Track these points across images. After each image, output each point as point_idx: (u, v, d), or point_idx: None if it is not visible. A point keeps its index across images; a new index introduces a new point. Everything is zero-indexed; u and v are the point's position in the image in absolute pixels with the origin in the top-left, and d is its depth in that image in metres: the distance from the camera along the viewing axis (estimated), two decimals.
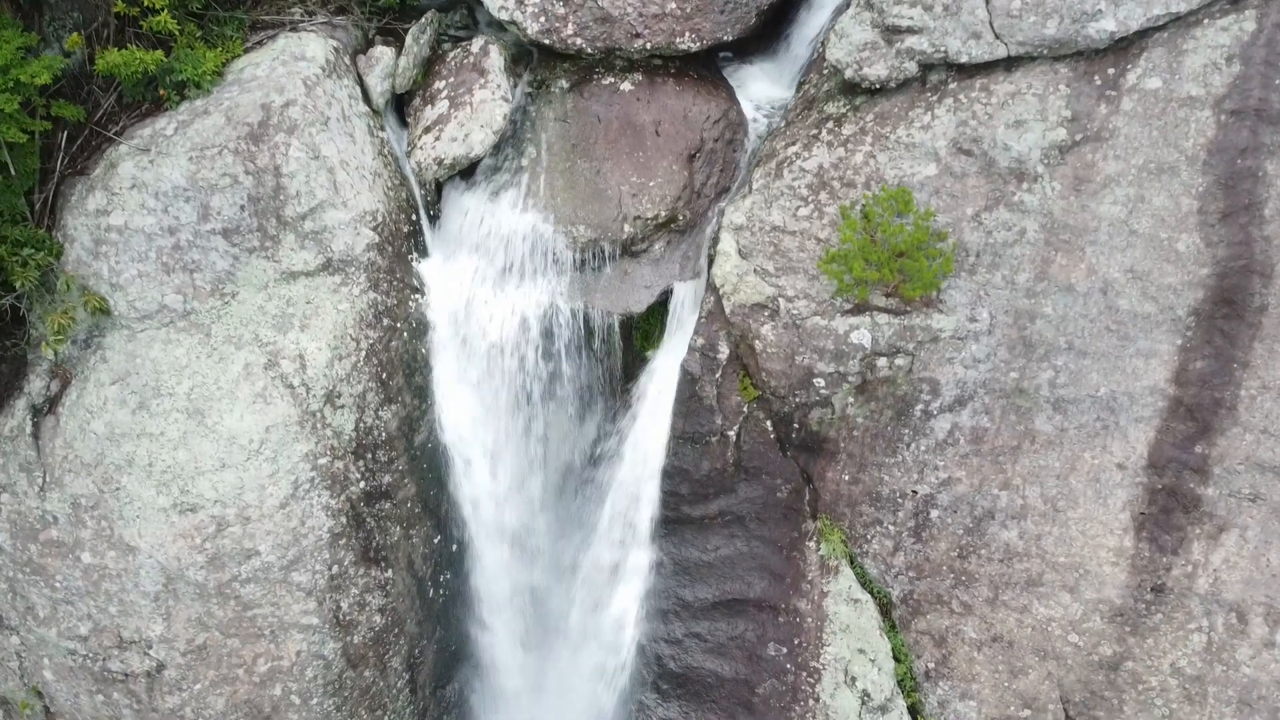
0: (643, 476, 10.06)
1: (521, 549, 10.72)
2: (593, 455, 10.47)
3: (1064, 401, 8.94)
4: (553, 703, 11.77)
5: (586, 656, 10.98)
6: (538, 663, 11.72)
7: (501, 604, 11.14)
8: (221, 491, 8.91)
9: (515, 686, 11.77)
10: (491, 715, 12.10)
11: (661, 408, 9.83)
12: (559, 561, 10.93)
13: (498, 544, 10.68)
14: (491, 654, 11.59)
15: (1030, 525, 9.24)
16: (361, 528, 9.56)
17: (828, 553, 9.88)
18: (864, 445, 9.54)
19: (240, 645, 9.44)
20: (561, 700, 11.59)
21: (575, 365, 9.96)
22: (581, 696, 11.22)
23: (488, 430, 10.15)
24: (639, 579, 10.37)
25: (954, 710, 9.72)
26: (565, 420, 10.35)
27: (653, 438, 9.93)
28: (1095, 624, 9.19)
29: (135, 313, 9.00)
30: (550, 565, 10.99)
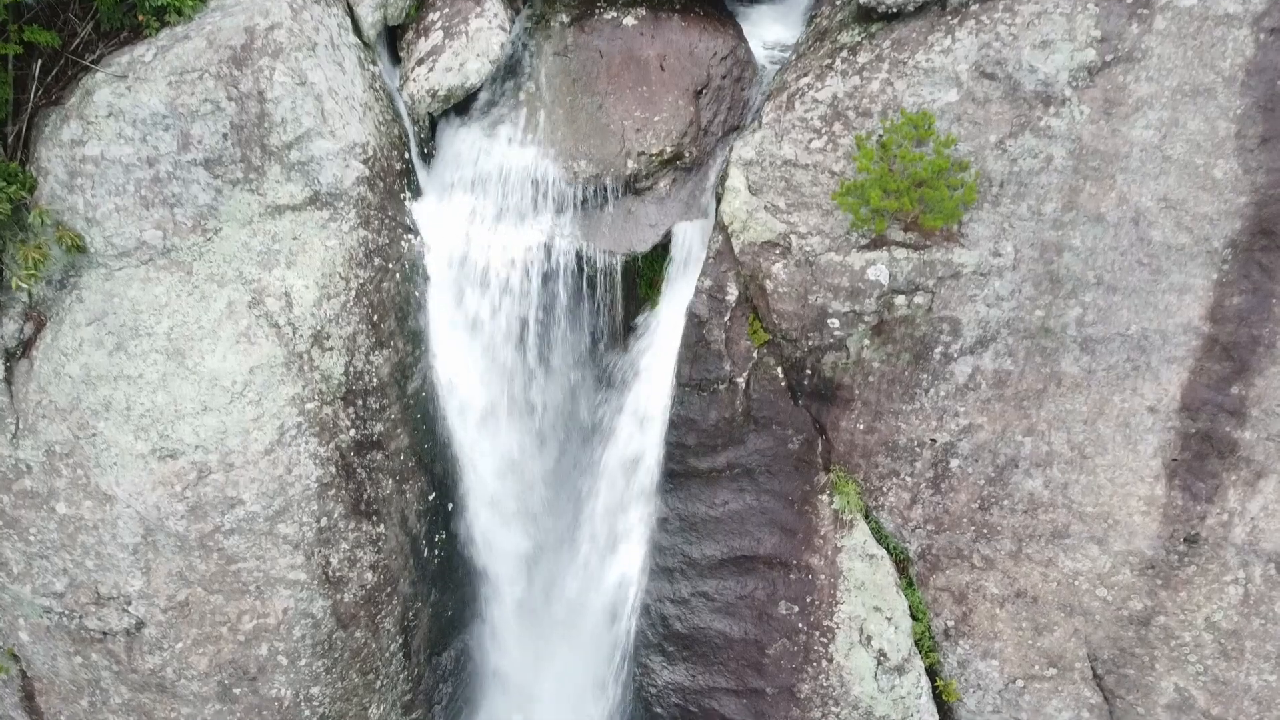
0: (647, 428, 9.60)
1: (519, 507, 10.25)
2: (594, 405, 10.00)
3: (1092, 341, 8.48)
4: (554, 670, 11.31)
5: (588, 620, 10.51)
6: (537, 628, 11.26)
7: (499, 565, 10.68)
8: (203, 436, 8.44)
9: (514, 653, 11.31)
10: (489, 684, 11.64)
11: (666, 354, 9.36)
12: (559, 520, 10.46)
13: (494, 501, 10.21)
14: (489, 619, 11.13)
15: (1056, 473, 8.77)
16: (352, 479, 9.09)
17: (841, 506, 9.41)
18: (880, 392, 9.08)
19: (224, 602, 8.97)
20: (562, 667, 11.13)
21: (576, 309, 9.50)
22: (583, 662, 10.76)
23: (484, 379, 9.68)
24: (643, 536, 9.90)
25: (974, 670, 9.25)
26: (565, 368, 9.88)
27: (657, 386, 9.47)
28: (1125, 577, 8.73)
29: (113, 250, 8.52)
30: (550, 524, 10.52)
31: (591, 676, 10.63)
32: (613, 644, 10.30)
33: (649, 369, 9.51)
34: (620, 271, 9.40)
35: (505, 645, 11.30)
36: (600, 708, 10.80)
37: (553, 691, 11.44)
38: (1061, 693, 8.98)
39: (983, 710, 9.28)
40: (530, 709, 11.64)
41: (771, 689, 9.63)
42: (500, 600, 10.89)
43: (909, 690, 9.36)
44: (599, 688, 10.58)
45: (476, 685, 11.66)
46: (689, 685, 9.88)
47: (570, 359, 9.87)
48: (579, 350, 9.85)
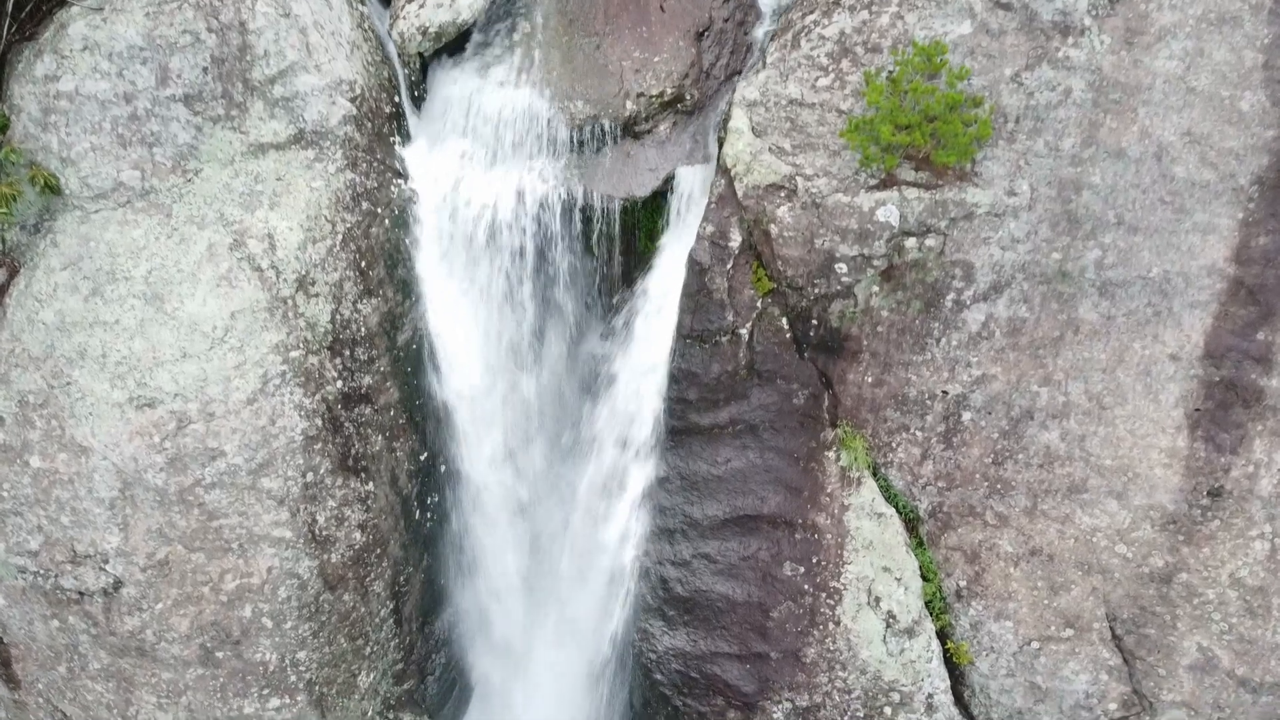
0: (646, 382, 9.24)
1: (514, 466, 9.89)
2: (593, 359, 9.64)
3: (1111, 285, 8.12)
4: (549, 638, 10.94)
5: (586, 586, 10.14)
6: (533, 597, 10.89)
7: (493, 529, 10.31)
8: (182, 384, 8.07)
9: (509, 623, 10.95)
10: (484, 655, 11.28)
11: (667, 304, 9.00)
12: (556, 481, 10.10)
13: (489, 462, 9.85)
14: (483, 587, 10.77)
15: (1073, 425, 8.41)
16: (339, 433, 8.73)
17: (849, 463, 9.05)
18: (889, 342, 8.72)
19: (205, 560, 8.60)
20: (559, 635, 10.76)
21: (573, 257, 9.14)
22: (581, 629, 10.39)
23: (477, 331, 9.32)
24: (642, 497, 9.53)
25: (988, 632, 8.89)
26: (561, 320, 9.52)
27: (657, 338, 9.10)
28: (1145, 533, 8.37)
29: (89, 191, 8.17)
30: (546, 486, 10.16)
31: (589, 645, 10.26)
32: (611, 610, 9.92)
33: (649, 320, 9.15)
34: (619, 217, 9.04)
35: (500, 615, 10.94)
36: (598, 677, 10.43)
37: (549, 661, 11.07)
38: (1079, 654, 8.61)
39: (996, 674, 8.92)
40: (526, 680, 11.28)
41: (776, 653, 9.27)
42: (495, 567, 10.52)
43: (919, 654, 8.99)
44: (597, 656, 10.21)
45: (471, 656, 11.30)
46: (690, 651, 9.51)
47: (568, 310, 9.51)
48: (576, 301, 9.49)
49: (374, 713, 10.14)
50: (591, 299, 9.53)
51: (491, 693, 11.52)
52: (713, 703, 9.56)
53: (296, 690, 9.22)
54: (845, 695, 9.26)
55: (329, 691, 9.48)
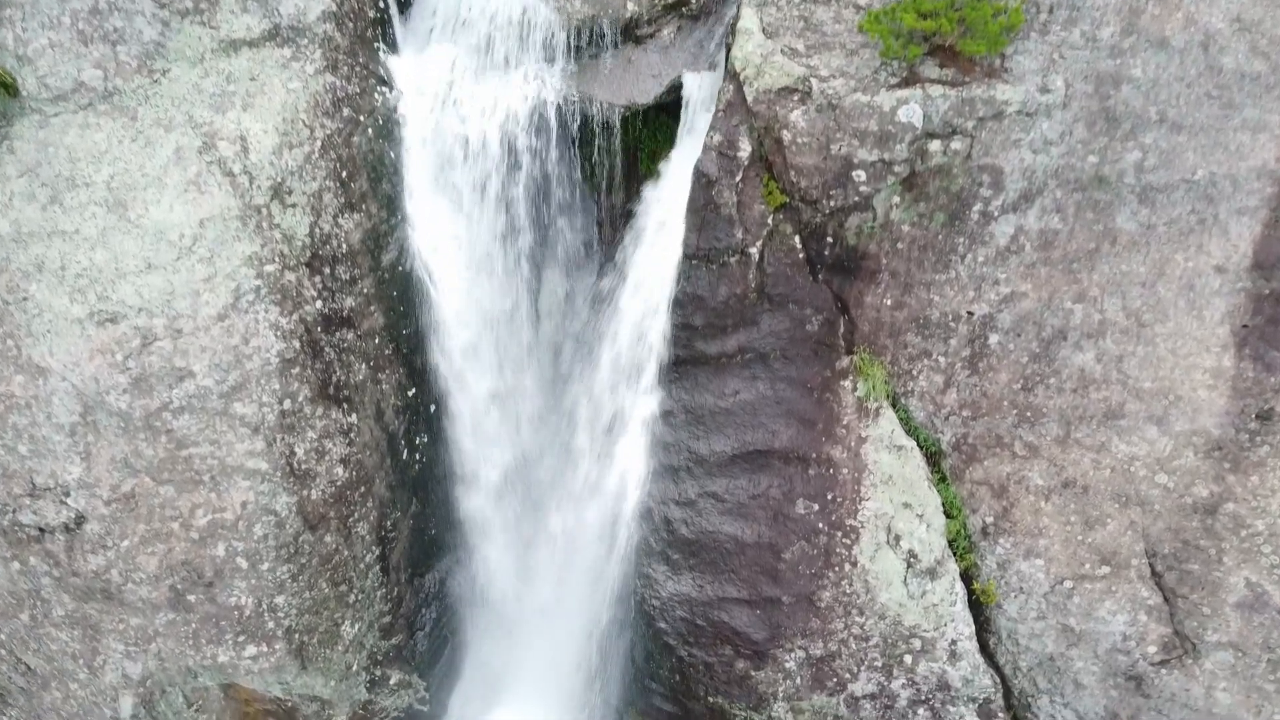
0: (649, 307, 8.63)
1: (508, 403, 9.27)
2: (591, 284, 9.02)
3: (1152, 191, 7.51)
4: (546, 591, 10.32)
5: (584, 531, 9.52)
6: (529, 546, 10.28)
7: (485, 474, 9.70)
8: (147, 298, 7.46)
9: (503, 574, 10.33)
10: (476, 611, 10.66)
11: (672, 223, 8.39)
12: (551, 416, 9.48)
13: (480, 399, 9.24)
14: (476, 535, 10.15)
15: (1110, 345, 7.80)
16: (319, 357, 8.12)
17: (866, 393, 8.43)
18: (910, 260, 8.11)
19: (175, 494, 7.99)
20: (556, 588, 10.14)
21: (570, 170, 8.53)
22: (579, 581, 9.77)
23: (468, 254, 8.71)
24: (645, 432, 8.92)
25: (1016, 571, 8.27)
26: (559, 243, 8.91)
27: (662, 260, 8.49)
28: (1188, 460, 7.75)
29: (47, 92, 7.57)
30: (541, 422, 9.54)
31: (588, 598, 9.64)
32: (610, 558, 9.31)
33: (652, 241, 8.54)
34: (619, 128, 8.43)
35: (493, 567, 10.32)
36: (597, 631, 9.82)
37: (545, 617, 10.45)
38: (1115, 593, 8.00)
39: (1025, 616, 8.30)
40: (521, 637, 10.66)
41: (788, 597, 8.65)
42: (488, 512, 9.91)
43: (942, 596, 8.38)
44: (595, 610, 9.59)
45: (463, 612, 10.68)
46: (696, 596, 8.89)
47: (565, 232, 8.90)
48: (574, 221, 8.88)
49: (359, 667, 9.52)
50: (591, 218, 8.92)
51: (484, 651, 10.90)
52: (720, 652, 8.94)
53: (275, 638, 8.61)
54: (862, 643, 8.64)
55: (310, 641, 8.86)
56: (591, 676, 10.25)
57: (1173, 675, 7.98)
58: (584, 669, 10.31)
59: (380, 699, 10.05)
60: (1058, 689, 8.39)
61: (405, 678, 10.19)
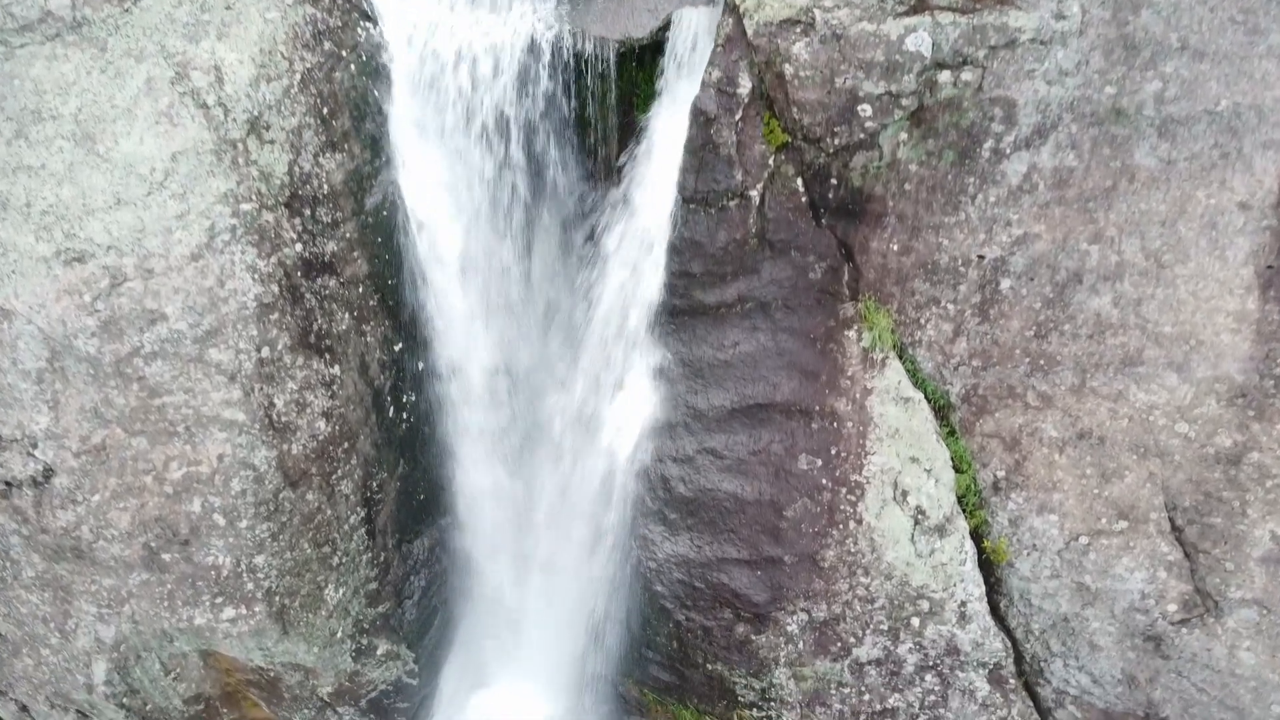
0: (645, 256, 8.27)
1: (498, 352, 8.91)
2: (585, 231, 8.67)
3: (1173, 123, 7.14)
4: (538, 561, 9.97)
5: (578, 492, 9.17)
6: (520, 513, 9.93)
7: (476, 433, 9.35)
8: (116, 235, 7.10)
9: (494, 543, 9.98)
10: (469, 579, 10.31)
11: (668, 165, 8.02)
12: (544, 371, 9.12)
13: (469, 351, 8.88)
14: (466, 501, 9.80)
15: (1127, 288, 7.44)
16: (299, 304, 7.76)
17: (871, 343, 8.07)
18: (918, 202, 7.74)
19: (148, 446, 7.63)
20: (548, 557, 9.79)
21: (564, 114, 8.16)
22: (574, 543, 9.41)
23: (456, 201, 8.35)
24: (640, 386, 8.57)
25: (1029, 527, 7.90)
26: (551, 187, 8.56)
27: (658, 205, 8.13)
28: (1210, 408, 7.39)
29: (12, 22, 7.20)
30: (533, 378, 9.18)
31: (581, 567, 9.29)
32: (605, 521, 8.95)
33: (648, 184, 8.18)
34: (614, 67, 8.07)
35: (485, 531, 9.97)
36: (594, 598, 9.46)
37: (537, 587, 10.10)
38: (1134, 549, 7.64)
39: (1039, 575, 7.93)
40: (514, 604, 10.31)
41: (790, 557, 8.29)
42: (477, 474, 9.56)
43: (951, 555, 8.02)
44: (589, 579, 9.24)
45: (453, 580, 10.33)
46: (694, 558, 8.54)
47: (558, 178, 8.54)
48: (567, 167, 8.52)
49: (344, 634, 9.17)
50: (584, 164, 8.56)
51: (477, 622, 10.56)
52: (719, 616, 8.59)
53: (254, 600, 8.25)
54: (867, 605, 8.28)
55: (291, 604, 8.51)
56: (587, 647, 9.89)
57: (1193, 635, 7.62)
58: (580, 640, 9.96)
59: (367, 670, 9.71)
60: (1072, 651, 8.03)
61: (393, 648, 9.84)
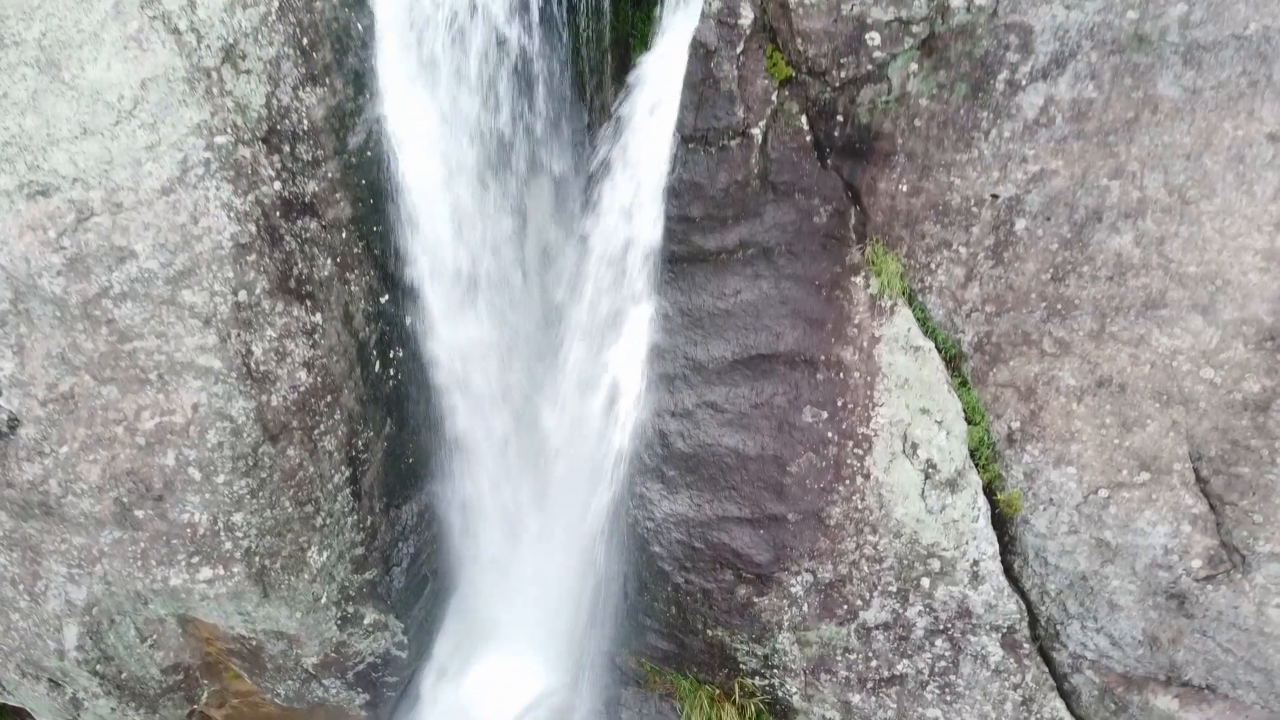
0: (642, 198, 7.89)
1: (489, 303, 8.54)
2: (579, 176, 8.29)
3: (1198, 50, 6.76)
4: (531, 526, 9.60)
5: (571, 454, 8.79)
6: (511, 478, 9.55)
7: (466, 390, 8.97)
8: (82, 166, 6.72)
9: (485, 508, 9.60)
10: (460, 547, 9.93)
11: (667, 102, 7.66)
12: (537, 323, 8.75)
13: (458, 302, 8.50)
14: (457, 464, 9.42)
15: (1150, 225, 7.06)
16: (278, 246, 7.38)
17: (879, 290, 7.70)
18: (928, 139, 7.37)
19: (118, 394, 7.26)
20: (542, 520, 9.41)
21: (557, 55, 7.79)
22: (569, 507, 9.04)
23: (444, 141, 7.97)
24: (637, 338, 8.19)
25: (1046, 480, 7.52)
26: (544, 131, 8.18)
27: (655, 144, 7.76)
28: (1237, 352, 7.01)
29: None
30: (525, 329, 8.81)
31: (578, 524, 8.90)
32: (601, 481, 8.56)
33: (645, 123, 7.80)
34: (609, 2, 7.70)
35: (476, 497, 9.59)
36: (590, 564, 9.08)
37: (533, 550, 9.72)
38: (1156, 502, 7.26)
39: (1055, 531, 7.56)
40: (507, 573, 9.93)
41: (794, 515, 7.92)
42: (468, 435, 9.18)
43: (963, 511, 7.64)
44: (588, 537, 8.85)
45: (443, 548, 9.95)
46: (694, 516, 8.16)
47: (551, 122, 8.17)
48: (561, 111, 8.14)
49: (328, 600, 8.79)
50: (579, 108, 8.18)
51: (468, 592, 10.18)
52: (720, 578, 8.21)
53: (232, 560, 7.88)
54: (875, 564, 7.91)
55: (272, 565, 8.13)
56: (583, 617, 9.51)
57: (1219, 592, 7.25)
58: (575, 610, 9.58)
59: (354, 641, 9.33)
60: (1090, 612, 7.65)
61: (381, 617, 9.46)
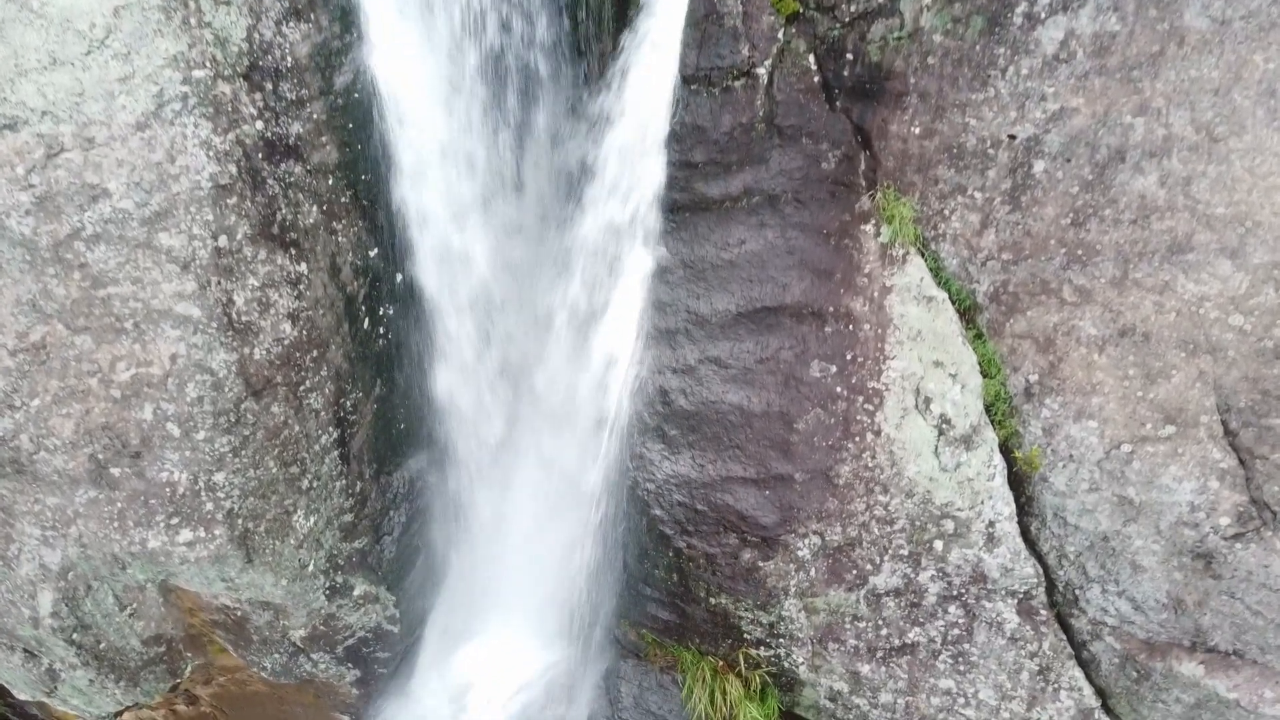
0: (642, 144, 7.55)
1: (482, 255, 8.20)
2: (577, 123, 7.94)
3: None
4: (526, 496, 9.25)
5: (567, 415, 8.45)
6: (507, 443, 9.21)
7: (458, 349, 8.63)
8: (52, 98, 6.37)
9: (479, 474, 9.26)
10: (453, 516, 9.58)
11: (668, 41, 7.31)
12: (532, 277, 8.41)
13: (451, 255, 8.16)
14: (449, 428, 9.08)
15: (1175, 165, 6.72)
16: (260, 190, 7.03)
17: (890, 238, 7.36)
18: (942, 77, 7.03)
19: (92, 344, 6.91)
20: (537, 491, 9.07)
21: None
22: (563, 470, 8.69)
23: (436, 86, 7.63)
24: (636, 291, 7.85)
25: (1066, 436, 7.18)
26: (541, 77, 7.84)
27: (656, 86, 7.42)
28: (1268, 298, 6.67)
29: None
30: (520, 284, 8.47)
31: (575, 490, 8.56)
32: (600, 439, 8.22)
33: (646, 63, 7.45)
34: None
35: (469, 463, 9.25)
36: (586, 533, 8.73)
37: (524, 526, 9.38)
38: (1182, 456, 6.92)
39: (1076, 489, 7.21)
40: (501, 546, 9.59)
41: (801, 475, 7.58)
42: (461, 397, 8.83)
43: (978, 469, 7.31)
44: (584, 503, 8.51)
45: (436, 519, 9.61)
46: (696, 477, 7.82)
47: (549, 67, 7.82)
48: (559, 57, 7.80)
49: (316, 569, 8.45)
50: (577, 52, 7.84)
51: (462, 564, 9.83)
52: (724, 542, 7.87)
53: (214, 521, 7.53)
54: (886, 526, 7.57)
55: (256, 528, 7.78)
56: (581, 589, 9.17)
57: (1249, 550, 6.91)
58: (573, 581, 9.23)
59: (343, 614, 8.99)
60: (1111, 575, 7.31)
61: (371, 589, 9.12)
